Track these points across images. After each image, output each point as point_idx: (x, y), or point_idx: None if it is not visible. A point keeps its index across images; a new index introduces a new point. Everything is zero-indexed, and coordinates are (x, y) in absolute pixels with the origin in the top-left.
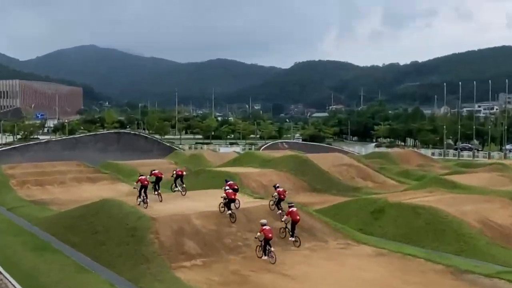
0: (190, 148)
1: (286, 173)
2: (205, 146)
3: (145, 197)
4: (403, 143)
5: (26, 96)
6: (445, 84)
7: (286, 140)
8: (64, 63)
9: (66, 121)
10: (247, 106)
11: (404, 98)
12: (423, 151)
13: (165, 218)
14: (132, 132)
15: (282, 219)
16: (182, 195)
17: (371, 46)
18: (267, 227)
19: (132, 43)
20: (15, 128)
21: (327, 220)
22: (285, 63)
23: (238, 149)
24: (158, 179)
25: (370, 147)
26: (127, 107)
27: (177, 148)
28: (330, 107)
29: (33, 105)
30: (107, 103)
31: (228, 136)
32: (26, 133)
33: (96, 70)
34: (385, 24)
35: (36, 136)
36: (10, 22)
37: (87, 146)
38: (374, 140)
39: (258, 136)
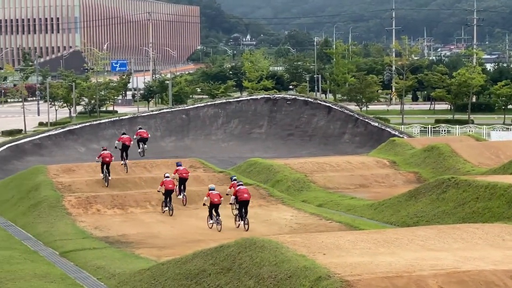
0: (424, 131)
1: None
2: (456, 128)
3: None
4: None
5: (92, 26)
6: None
7: None
8: None
9: (168, 75)
10: None
11: None
12: None
13: (372, 283)
14: (299, 97)
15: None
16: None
17: None
18: (214, 192)
19: None
20: (72, 93)
21: None
22: None
23: None
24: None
25: None
26: (288, 45)
27: (396, 133)
28: None
29: (105, 45)
30: (248, 37)
31: (511, 106)
32: (92, 101)
33: None
34: None
35: (111, 108)
36: None
37: (210, 127)
38: None
39: None
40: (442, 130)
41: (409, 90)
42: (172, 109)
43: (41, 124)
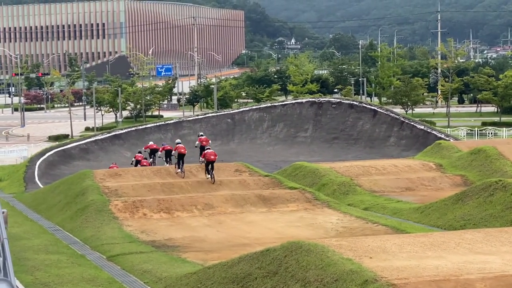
0: (470, 133)
1: None
2: (503, 131)
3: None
4: None
5: (137, 31)
6: None
7: None
8: None
9: (213, 79)
10: None
11: None
12: None
13: (419, 287)
14: (344, 101)
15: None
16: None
17: None
18: (180, 145)
19: None
20: (118, 98)
21: None
22: None
23: None
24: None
25: None
26: (333, 48)
27: (442, 136)
28: None
29: (151, 50)
30: (292, 41)
31: None
32: (138, 106)
33: None
34: None
35: (157, 112)
36: None
37: (255, 130)
38: None
39: None
40: (488, 133)
41: (455, 93)
42: (218, 113)
43: (87, 129)
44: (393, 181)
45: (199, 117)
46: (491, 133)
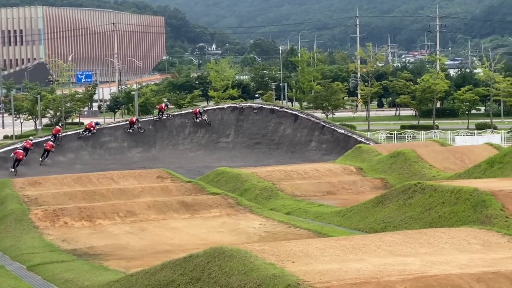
0: (389, 137)
1: None
2: (421, 134)
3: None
4: None
5: (56, 38)
6: None
7: None
8: None
9: (134, 86)
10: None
11: None
12: None
13: None
14: (266, 106)
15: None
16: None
17: None
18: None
19: None
20: (37, 105)
21: None
22: None
23: (495, 138)
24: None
25: None
26: (254, 53)
27: (362, 140)
28: None
29: (70, 56)
30: (213, 47)
31: (474, 110)
32: (58, 113)
33: None
34: None
35: (77, 120)
36: None
37: (177, 137)
38: None
39: None
40: (407, 136)
41: (375, 97)
42: (140, 119)
43: (6, 137)
44: (314, 185)
45: (120, 124)
46: (410, 136)
